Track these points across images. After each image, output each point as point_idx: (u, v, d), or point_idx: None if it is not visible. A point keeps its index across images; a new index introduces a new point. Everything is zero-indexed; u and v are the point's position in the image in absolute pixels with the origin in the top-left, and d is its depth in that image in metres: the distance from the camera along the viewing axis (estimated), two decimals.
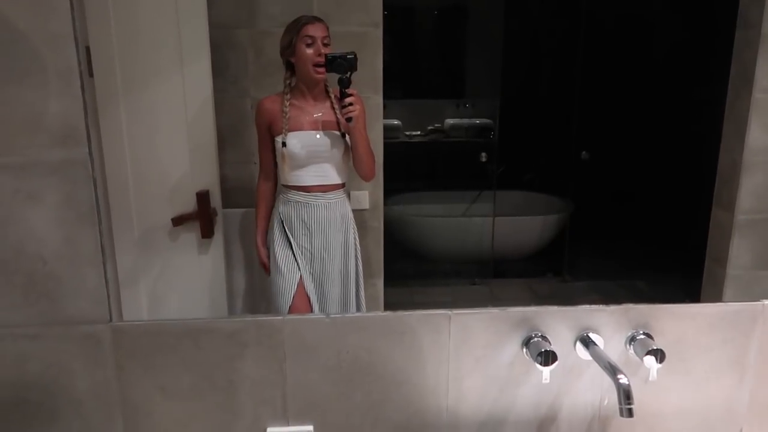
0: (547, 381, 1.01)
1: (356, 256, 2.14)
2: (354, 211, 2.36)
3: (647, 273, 3.59)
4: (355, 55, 1.81)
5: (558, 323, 1.02)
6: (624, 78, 3.82)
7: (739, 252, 2.56)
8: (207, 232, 2.23)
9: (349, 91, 1.87)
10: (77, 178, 0.89)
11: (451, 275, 3.86)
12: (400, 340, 0.98)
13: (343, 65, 1.81)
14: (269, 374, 0.99)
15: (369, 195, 2.24)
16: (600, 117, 3.73)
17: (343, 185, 2.13)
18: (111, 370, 0.98)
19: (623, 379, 0.95)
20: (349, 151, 2.03)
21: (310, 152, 2.01)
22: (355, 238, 2.14)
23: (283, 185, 2.10)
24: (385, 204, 2.33)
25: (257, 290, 2.39)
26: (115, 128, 2.15)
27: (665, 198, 3.84)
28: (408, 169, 4.22)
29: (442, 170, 4.41)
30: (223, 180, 2.21)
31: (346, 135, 2.00)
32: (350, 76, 1.84)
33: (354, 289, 2.11)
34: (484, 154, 3.75)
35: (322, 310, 2.00)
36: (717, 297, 2.63)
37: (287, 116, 1.99)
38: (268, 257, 2.16)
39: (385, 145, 2.48)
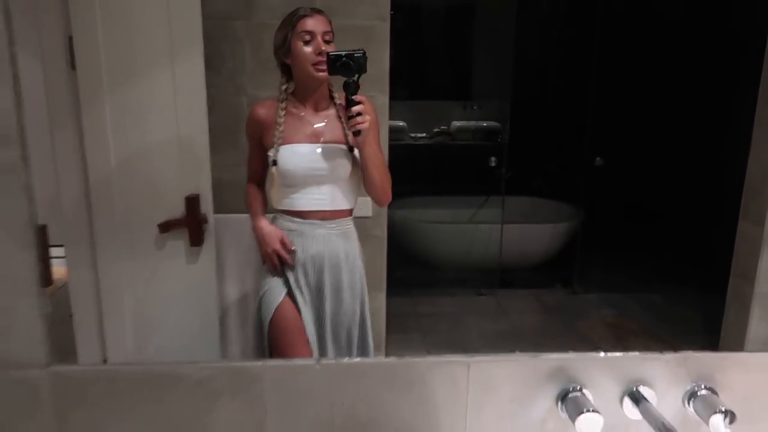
0: None
1: (362, 299, 1.67)
2: (356, 218, 2.15)
3: (662, 286, 3.39)
4: (365, 54, 1.40)
5: (601, 373, 0.80)
6: (642, 80, 3.60)
7: None
8: (196, 240, 2.02)
9: (357, 97, 1.44)
10: (5, 187, 0.69)
11: (456, 284, 3.66)
12: (408, 391, 0.77)
13: (349, 66, 1.40)
14: (247, 430, 0.78)
15: (371, 201, 1.87)
16: (616, 121, 3.51)
17: (349, 212, 1.64)
18: (49, 426, 0.78)
19: None
20: (359, 169, 1.57)
21: (308, 170, 1.55)
22: (361, 279, 1.68)
23: (276, 210, 1.66)
24: (388, 208, 2.02)
25: (251, 303, 2.18)
26: (99, 125, 1.94)
27: (683, 208, 3.63)
28: (413, 173, 4.02)
29: (448, 174, 4.20)
30: (215, 184, 1.97)
31: (355, 150, 1.55)
32: (358, 79, 1.43)
33: (358, 333, 1.66)
34: (493, 159, 3.53)
35: (321, 353, 1.62)
36: (743, 316, 2.41)
37: (281, 126, 1.57)
38: (283, 237, 1.64)
39: (390, 148, 2.28)
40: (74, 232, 2.05)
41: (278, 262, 1.62)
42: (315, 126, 1.60)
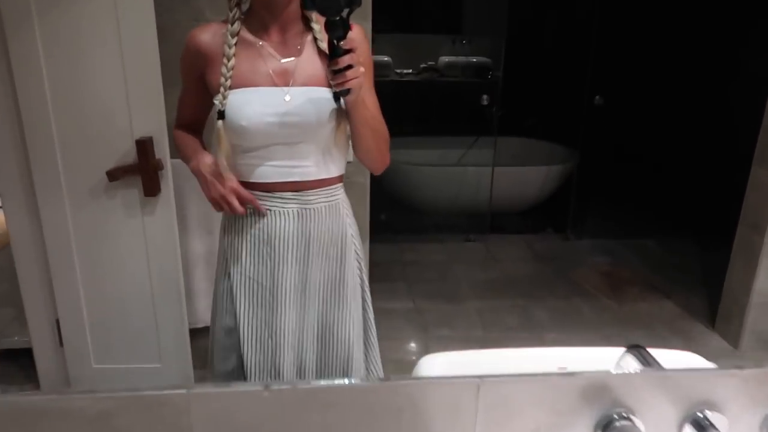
0: None
1: (361, 300, 1.20)
2: None
3: (657, 233, 3.19)
4: None
5: (656, 395, 0.56)
6: (648, 14, 3.26)
7: None
8: (151, 189, 1.74)
9: (345, 44, 0.96)
10: None
11: (444, 230, 3.43)
12: (395, 420, 0.53)
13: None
14: None
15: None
16: (618, 57, 3.16)
17: (337, 180, 1.17)
18: None
19: None
20: (347, 121, 1.08)
21: (272, 126, 1.05)
22: (361, 271, 1.21)
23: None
24: None
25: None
26: (30, 58, 1.61)
27: (684, 154, 3.35)
28: (398, 112, 3.68)
29: (436, 113, 3.89)
30: (171, 125, 1.66)
31: (341, 98, 1.04)
32: (348, 15, 0.95)
33: (348, 355, 1.16)
34: (485, 97, 3.22)
35: (301, 376, 1.13)
36: (751, 267, 2.22)
37: (230, 61, 1.06)
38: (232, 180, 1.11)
39: (374, 84, 1.98)
40: (9, 182, 1.76)
41: (229, 209, 1.11)
42: (282, 62, 1.08)
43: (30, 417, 0.55)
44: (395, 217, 3.30)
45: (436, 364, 0.85)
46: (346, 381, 0.58)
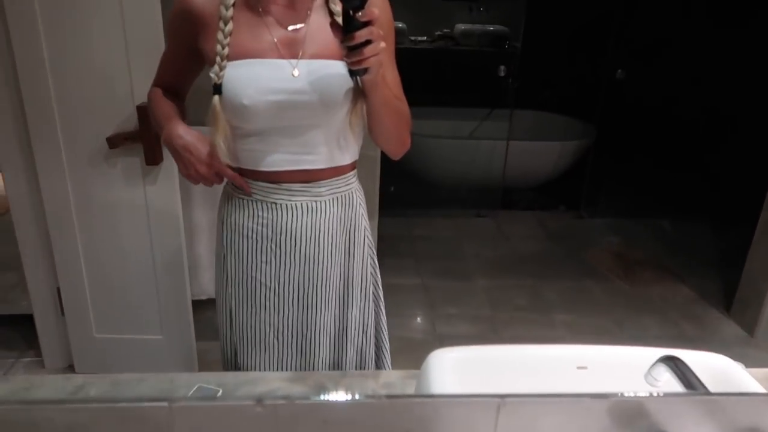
0: None
1: (374, 298, 1.09)
2: None
3: (674, 214, 3.08)
4: None
5: (697, 420, 0.49)
6: None
7: None
8: (153, 157, 1.66)
9: (363, 15, 0.80)
10: None
11: (455, 205, 3.34)
12: None
13: None
14: None
15: None
16: (644, 28, 3.02)
17: (351, 167, 1.03)
18: None
19: None
20: (362, 103, 0.93)
21: (274, 105, 0.91)
22: (374, 268, 1.09)
23: (228, 166, 0.98)
24: None
25: None
26: (28, 23, 1.52)
27: (709, 131, 3.22)
28: (411, 80, 3.55)
29: (450, 83, 3.75)
30: None
31: (357, 76, 0.88)
32: None
33: (359, 358, 1.07)
34: (502, 68, 3.09)
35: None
36: None
37: (227, 30, 0.91)
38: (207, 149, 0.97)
39: None
40: (8, 148, 1.68)
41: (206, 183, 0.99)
42: (289, 29, 0.93)
43: None
44: (405, 190, 3.21)
45: (446, 362, 0.78)
46: (349, 397, 0.51)
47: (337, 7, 0.91)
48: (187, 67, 1.02)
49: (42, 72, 1.57)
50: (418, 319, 2.28)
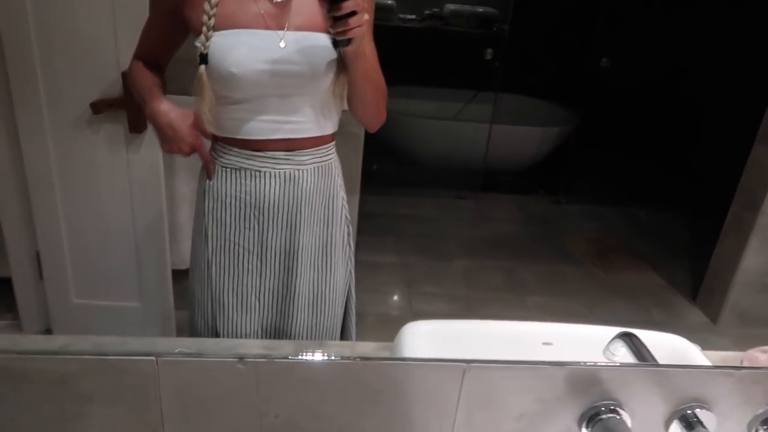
0: None
1: (347, 264, 1.14)
2: None
3: (650, 203, 3.17)
4: None
5: (647, 389, 0.54)
6: None
7: None
8: (137, 125, 1.66)
9: None
10: None
11: (435, 185, 3.37)
12: (374, 402, 0.51)
13: None
14: None
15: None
16: (629, 19, 3.06)
17: (330, 138, 1.07)
18: None
19: None
20: (344, 73, 0.97)
21: (262, 75, 0.94)
22: (349, 238, 1.14)
23: (215, 139, 1.04)
24: None
25: None
26: None
27: (688, 123, 3.29)
28: (398, 59, 3.55)
29: (437, 63, 3.76)
30: None
31: (339, 47, 0.93)
32: None
33: (333, 321, 1.12)
34: (489, 51, 3.11)
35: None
36: (740, 245, 2.21)
37: (213, 5, 0.92)
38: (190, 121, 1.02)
39: (375, 29, 1.88)
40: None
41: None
42: (275, 1, 0.95)
43: None
44: (387, 169, 3.24)
45: (419, 333, 0.82)
46: (325, 357, 0.55)
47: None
48: (170, 37, 1.02)
49: (26, 36, 1.55)
50: (395, 296, 2.33)
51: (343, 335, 1.15)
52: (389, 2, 3.72)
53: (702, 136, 3.16)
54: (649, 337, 0.74)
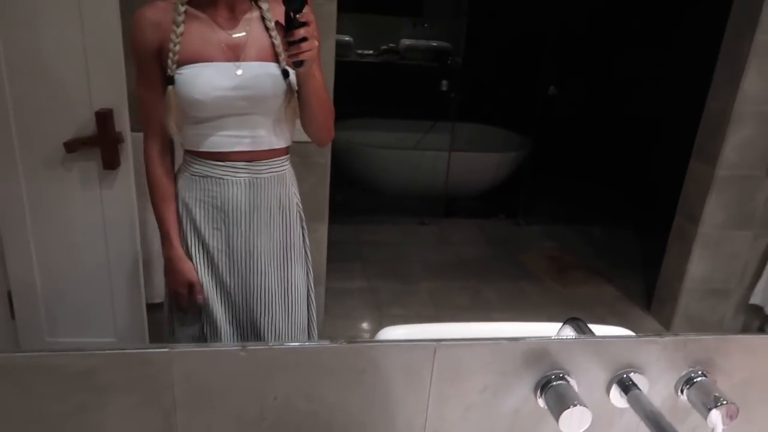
0: None
1: (305, 263, 1.29)
2: (296, 143, 1.89)
3: (603, 221, 3.36)
4: None
5: (589, 360, 0.65)
6: (606, 6, 3.39)
7: (714, 209, 2.30)
8: (111, 162, 1.73)
9: (301, 17, 1.01)
10: None
11: (400, 213, 3.50)
12: (358, 380, 0.60)
13: None
14: (149, 431, 0.59)
15: None
16: (573, 50, 3.32)
17: (284, 151, 1.23)
18: None
19: None
20: (295, 96, 1.15)
21: (223, 99, 1.11)
22: (304, 239, 1.29)
23: (185, 150, 1.21)
24: None
25: None
26: None
27: (633, 144, 3.54)
28: (358, 93, 3.73)
29: (396, 96, 3.94)
30: (132, 97, 1.67)
31: (290, 72, 1.13)
32: None
33: (299, 314, 1.28)
34: (445, 82, 3.30)
35: (249, 337, 1.24)
36: (684, 255, 2.39)
37: (178, 36, 1.10)
38: (195, 280, 1.22)
39: (335, 65, 2.02)
40: None
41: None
42: (233, 36, 1.13)
43: (13, 374, 0.59)
44: (352, 198, 3.36)
45: (394, 336, 0.92)
46: (316, 343, 0.64)
47: (271, 22, 1.14)
48: (157, 86, 1.14)
49: None
50: (366, 319, 2.42)
51: (308, 324, 1.31)
52: (347, 39, 3.89)
53: (646, 155, 3.39)
54: (597, 329, 0.86)
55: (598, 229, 3.28)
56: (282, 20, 1.03)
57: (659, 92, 3.30)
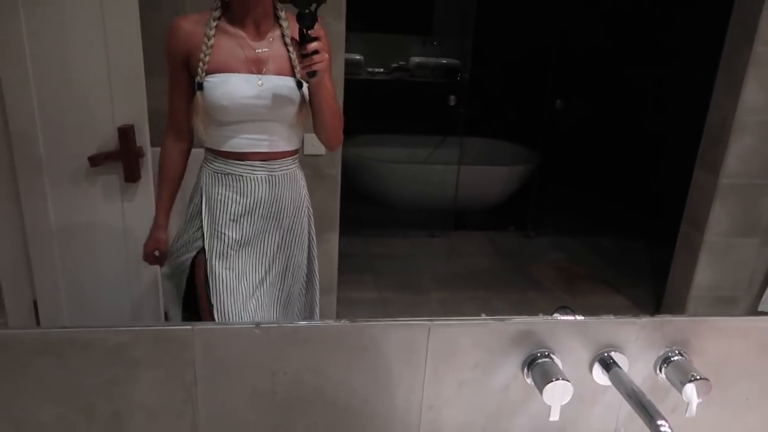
0: (556, 419, 0.73)
1: (310, 251, 1.45)
2: (308, 156, 1.99)
3: (611, 232, 3.41)
4: None
5: (572, 339, 0.72)
6: (609, 21, 3.49)
7: (719, 217, 2.35)
8: (132, 175, 1.84)
9: (313, 32, 1.17)
10: None
11: (410, 226, 3.58)
12: (360, 357, 0.68)
13: None
14: (173, 403, 0.68)
15: None
16: (579, 64, 3.40)
17: (295, 152, 1.39)
18: None
19: (665, 428, 0.68)
20: (307, 106, 1.32)
21: (245, 107, 1.27)
22: (310, 227, 1.45)
23: (207, 149, 1.37)
24: (342, 146, 1.82)
25: None
26: (15, 45, 1.69)
27: (639, 155, 3.60)
28: (369, 109, 3.84)
29: (405, 112, 4.04)
30: (152, 113, 1.79)
31: (304, 85, 1.30)
32: (316, 9, 1.16)
33: (304, 297, 1.45)
34: (453, 97, 3.39)
35: (261, 315, 1.38)
36: (691, 263, 2.43)
37: (209, 48, 1.26)
38: (163, 251, 1.50)
39: (345, 82, 2.11)
40: None
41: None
42: (256, 51, 1.29)
43: (56, 347, 0.68)
44: (364, 213, 3.44)
45: None
46: (322, 322, 0.72)
47: (288, 39, 1.31)
48: (186, 90, 1.32)
49: (28, 96, 1.73)
50: None
51: (311, 305, 1.47)
52: (357, 57, 4.01)
53: (652, 166, 3.45)
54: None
55: (606, 239, 3.33)
56: (297, 36, 1.19)
57: (663, 103, 3.36)
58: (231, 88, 1.26)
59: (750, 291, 2.46)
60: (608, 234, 3.34)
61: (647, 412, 0.70)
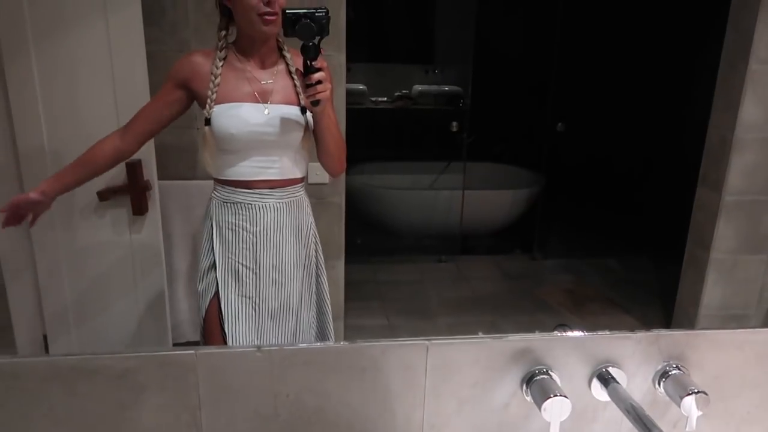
0: None
1: (319, 277, 1.48)
2: (312, 185, 2.02)
3: (618, 253, 3.41)
4: (327, 13, 1.20)
5: (569, 355, 0.74)
6: (606, 44, 3.54)
7: (725, 235, 2.35)
8: (140, 208, 1.88)
9: (316, 63, 1.23)
10: None
11: (416, 251, 3.60)
12: (360, 378, 0.69)
13: (310, 28, 1.19)
14: (178, 426, 0.69)
15: None
16: (579, 86, 3.44)
17: (301, 180, 1.43)
18: None
19: None
20: (311, 134, 1.37)
21: (252, 135, 1.32)
22: (317, 254, 1.48)
23: (216, 180, 1.41)
24: (347, 174, 1.86)
25: None
26: (26, 84, 1.75)
27: (643, 175, 3.62)
28: (373, 138, 3.90)
29: (409, 139, 4.10)
30: (159, 148, 1.84)
31: (308, 112, 1.34)
32: (320, 42, 1.22)
33: (316, 322, 1.48)
34: (455, 123, 3.44)
35: (271, 338, 1.41)
36: (699, 281, 2.43)
37: (217, 79, 1.32)
38: (24, 212, 1.51)
39: (349, 112, 2.15)
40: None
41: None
42: (261, 83, 1.35)
43: (64, 375, 0.70)
44: (370, 239, 3.46)
45: None
46: (321, 344, 0.74)
47: (293, 69, 1.37)
48: (174, 103, 1.38)
49: (38, 132, 1.78)
50: None
51: (323, 326, 1.48)
52: (361, 87, 4.08)
53: (657, 184, 3.46)
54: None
55: (613, 261, 3.32)
56: (301, 68, 1.25)
57: (663, 122, 3.39)
58: (239, 116, 1.31)
59: (760, 308, 2.45)
60: (615, 254, 3.34)
61: (646, 427, 0.70)
